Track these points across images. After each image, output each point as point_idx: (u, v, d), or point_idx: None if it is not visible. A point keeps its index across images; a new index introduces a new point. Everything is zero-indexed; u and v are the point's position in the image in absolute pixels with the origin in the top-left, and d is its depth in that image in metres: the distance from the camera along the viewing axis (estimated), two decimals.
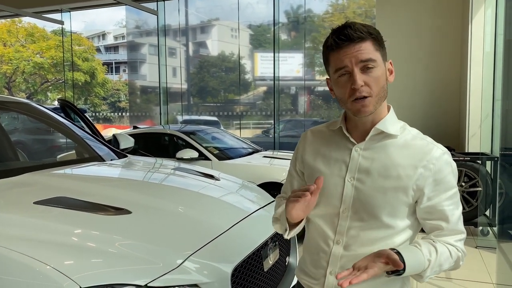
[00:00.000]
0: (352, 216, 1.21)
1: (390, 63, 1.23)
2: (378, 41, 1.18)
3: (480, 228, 4.72)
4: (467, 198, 4.74)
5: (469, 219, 4.74)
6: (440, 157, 1.19)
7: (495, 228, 4.61)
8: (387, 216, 1.18)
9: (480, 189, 4.66)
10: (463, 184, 4.75)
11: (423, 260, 1.13)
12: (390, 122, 1.23)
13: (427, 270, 1.14)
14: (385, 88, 1.19)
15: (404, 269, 1.09)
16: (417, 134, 1.25)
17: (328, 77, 1.25)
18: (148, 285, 1.40)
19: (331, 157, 1.26)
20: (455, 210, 1.20)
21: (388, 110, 1.26)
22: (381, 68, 1.17)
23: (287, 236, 1.26)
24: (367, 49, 1.14)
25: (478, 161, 4.73)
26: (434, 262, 1.14)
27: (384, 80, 1.18)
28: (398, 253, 1.10)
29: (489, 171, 4.73)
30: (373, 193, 1.18)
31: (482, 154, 4.92)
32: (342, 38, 1.13)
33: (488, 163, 4.78)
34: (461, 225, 1.22)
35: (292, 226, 1.24)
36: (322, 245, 1.26)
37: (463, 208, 4.72)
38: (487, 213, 4.81)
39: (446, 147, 4.86)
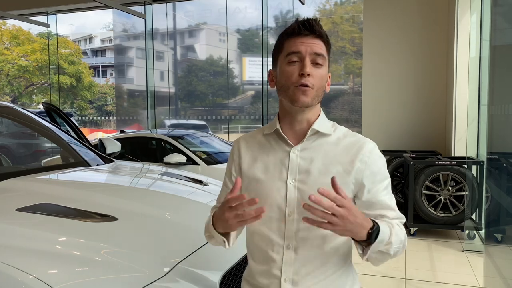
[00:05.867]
0: (298, 218, 1.21)
1: (329, 76, 1.29)
2: (330, 48, 1.25)
3: (467, 232, 4.76)
4: (454, 202, 4.78)
5: (455, 223, 4.78)
6: (373, 150, 1.25)
7: (482, 232, 4.65)
8: None
9: (466, 193, 4.71)
10: (450, 188, 4.79)
11: (386, 224, 1.17)
12: (323, 122, 1.28)
13: (392, 235, 1.16)
14: (323, 90, 1.25)
15: (378, 229, 1.12)
16: (347, 132, 1.30)
17: (271, 69, 1.30)
18: None
19: (269, 162, 1.27)
20: (392, 198, 1.27)
21: (320, 112, 1.31)
22: (326, 71, 1.24)
23: (229, 246, 1.25)
24: (321, 46, 1.21)
25: (464, 166, 4.78)
26: (392, 228, 1.18)
27: (325, 82, 1.24)
28: (371, 219, 1.14)
29: (475, 175, 4.78)
30: (316, 193, 1.18)
31: (468, 158, 4.97)
32: (306, 25, 1.20)
33: (474, 167, 4.83)
34: (398, 210, 1.28)
35: (226, 234, 1.23)
36: (271, 254, 1.24)
37: (450, 212, 4.78)
38: (474, 217, 4.85)
39: (432, 151, 4.92)
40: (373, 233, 1.11)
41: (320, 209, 1.05)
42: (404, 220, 1.28)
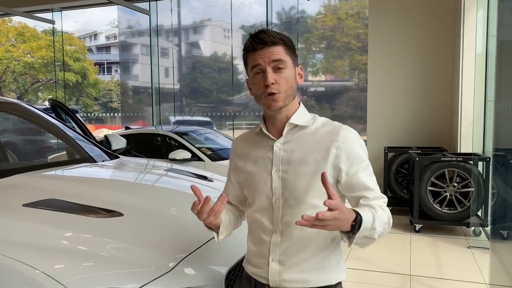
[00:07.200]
0: (283, 204, 1.35)
1: (300, 68, 1.40)
2: (289, 47, 1.35)
3: (472, 228, 4.74)
4: (460, 198, 4.76)
5: (461, 219, 4.76)
6: (347, 135, 1.34)
7: (487, 229, 4.63)
8: (312, 198, 1.32)
9: (472, 189, 4.69)
10: (455, 184, 4.77)
11: (369, 212, 1.25)
12: (301, 115, 1.39)
13: (375, 220, 1.24)
14: (294, 87, 1.36)
15: (361, 220, 1.20)
16: (326, 122, 1.40)
17: (248, 78, 1.41)
18: None
19: (258, 157, 1.42)
20: (371, 180, 1.35)
21: (299, 106, 1.42)
22: (291, 70, 1.34)
23: (218, 239, 1.40)
24: (278, 51, 1.31)
25: (470, 162, 4.75)
26: (375, 213, 1.26)
27: (292, 81, 1.35)
28: (354, 209, 1.23)
29: (481, 172, 4.76)
30: (297, 180, 1.33)
31: (474, 154, 4.94)
32: (257, 41, 1.31)
33: (480, 163, 4.81)
34: (380, 192, 1.35)
35: (216, 229, 1.40)
36: (262, 236, 1.39)
37: (455, 209, 4.76)
38: (479, 213, 4.83)
39: (438, 147, 4.88)
40: (356, 224, 1.20)
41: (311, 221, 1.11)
42: (386, 199, 1.35)
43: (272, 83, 1.30)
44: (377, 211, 1.28)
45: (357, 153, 1.33)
